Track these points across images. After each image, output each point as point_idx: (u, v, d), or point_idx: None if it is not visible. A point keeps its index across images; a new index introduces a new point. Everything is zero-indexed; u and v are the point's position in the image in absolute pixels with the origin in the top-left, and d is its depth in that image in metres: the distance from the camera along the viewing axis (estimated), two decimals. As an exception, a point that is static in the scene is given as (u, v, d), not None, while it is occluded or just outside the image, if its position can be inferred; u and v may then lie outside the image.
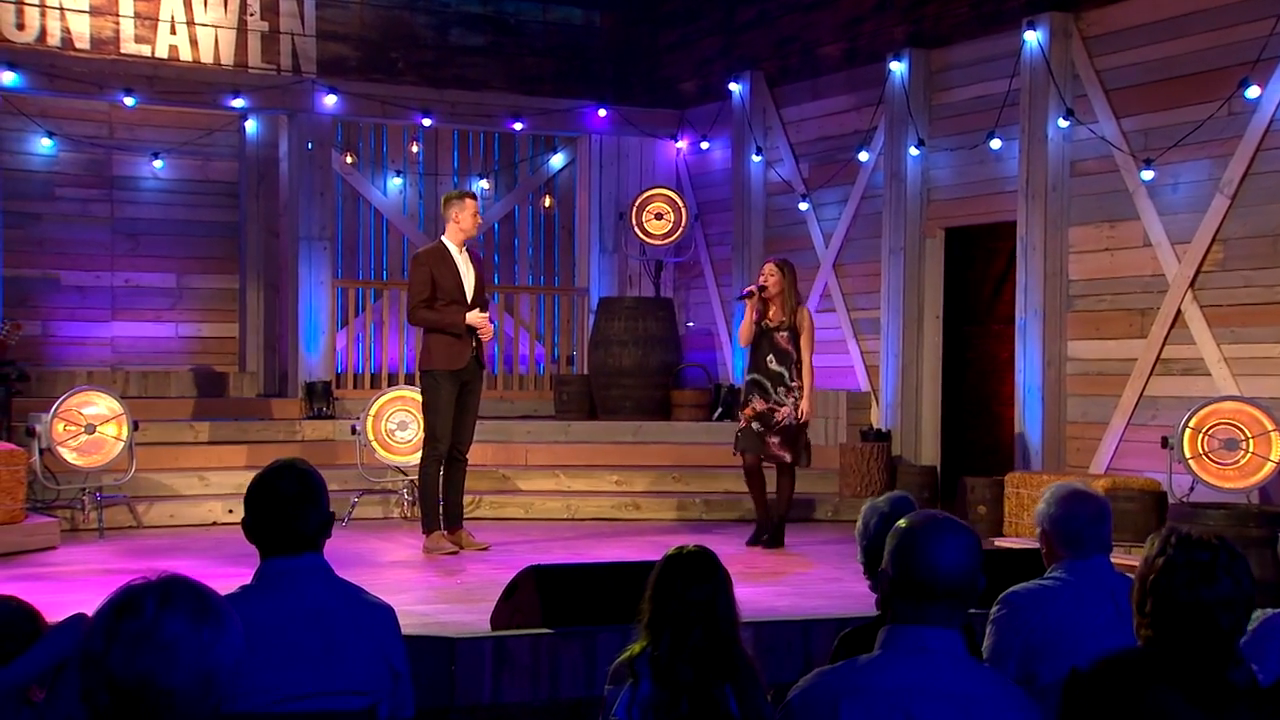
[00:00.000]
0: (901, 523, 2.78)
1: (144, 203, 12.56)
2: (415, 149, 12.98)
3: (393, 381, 12.27)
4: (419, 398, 10.01)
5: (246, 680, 3.19)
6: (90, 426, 9.33)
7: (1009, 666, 3.61)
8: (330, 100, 11.90)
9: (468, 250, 8.56)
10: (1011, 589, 3.76)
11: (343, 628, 3.33)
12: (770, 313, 8.79)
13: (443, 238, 8.57)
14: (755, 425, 8.73)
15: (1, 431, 9.79)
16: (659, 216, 12.71)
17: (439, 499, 8.44)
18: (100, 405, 9.43)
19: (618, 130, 13.02)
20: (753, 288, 8.81)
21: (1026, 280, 9.91)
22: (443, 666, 4.66)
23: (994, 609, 3.76)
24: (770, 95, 12.24)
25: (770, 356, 8.75)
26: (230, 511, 9.79)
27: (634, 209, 12.67)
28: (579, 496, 10.36)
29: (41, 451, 9.23)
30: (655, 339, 12.15)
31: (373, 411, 9.91)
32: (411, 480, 10.02)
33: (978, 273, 11.16)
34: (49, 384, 11.33)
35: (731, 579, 3.70)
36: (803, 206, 11.85)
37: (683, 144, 13.23)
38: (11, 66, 10.95)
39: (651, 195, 12.73)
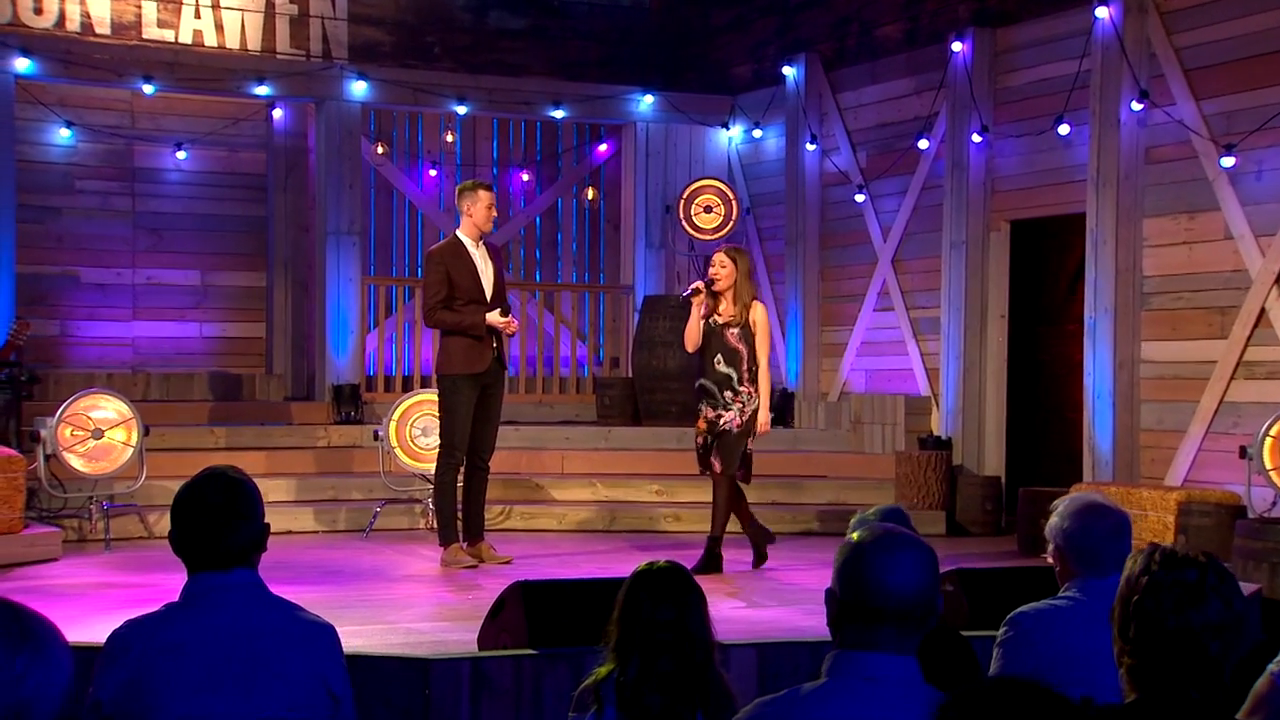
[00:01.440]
0: (853, 535, 2.67)
1: (167, 196, 12.62)
2: (450, 138, 12.93)
3: (427, 385, 12.26)
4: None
5: (167, 706, 3.12)
6: (98, 431, 9.35)
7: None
8: (360, 87, 11.89)
9: (485, 245, 8.46)
10: (1019, 609, 3.63)
11: (274, 648, 3.25)
12: (720, 307, 8.23)
13: (457, 232, 8.48)
14: (709, 438, 8.21)
15: (11, 437, 9.85)
16: (708, 210, 12.58)
17: (457, 509, 8.36)
18: (109, 409, 9.45)
19: (665, 118, 12.91)
20: (699, 284, 8.28)
21: (1097, 276, 9.69)
22: (416, 690, 4.57)
23: (1001, 630, 3.63)
24: (826, 79, 12.09)
25: (718, 357, 8.20)
26: (246, 521, 9.77)
27: (682, 202, 12.56)
28: (616, 507, 10.26)
29: (47, 458, 9.27)
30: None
31: (395, 416, 9.86)
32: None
33: (1051, 269, 10.94)
34: (67, 387, 11.36)
35: (705, 597, 3.58)
36: (859, 198, 11.69)
37: (735, 132, 13.10)
38: (26, 53, 11.04)
39: (701, 187, 12.62)
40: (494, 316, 8.25)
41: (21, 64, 11.04)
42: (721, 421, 8.16)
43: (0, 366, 9.64)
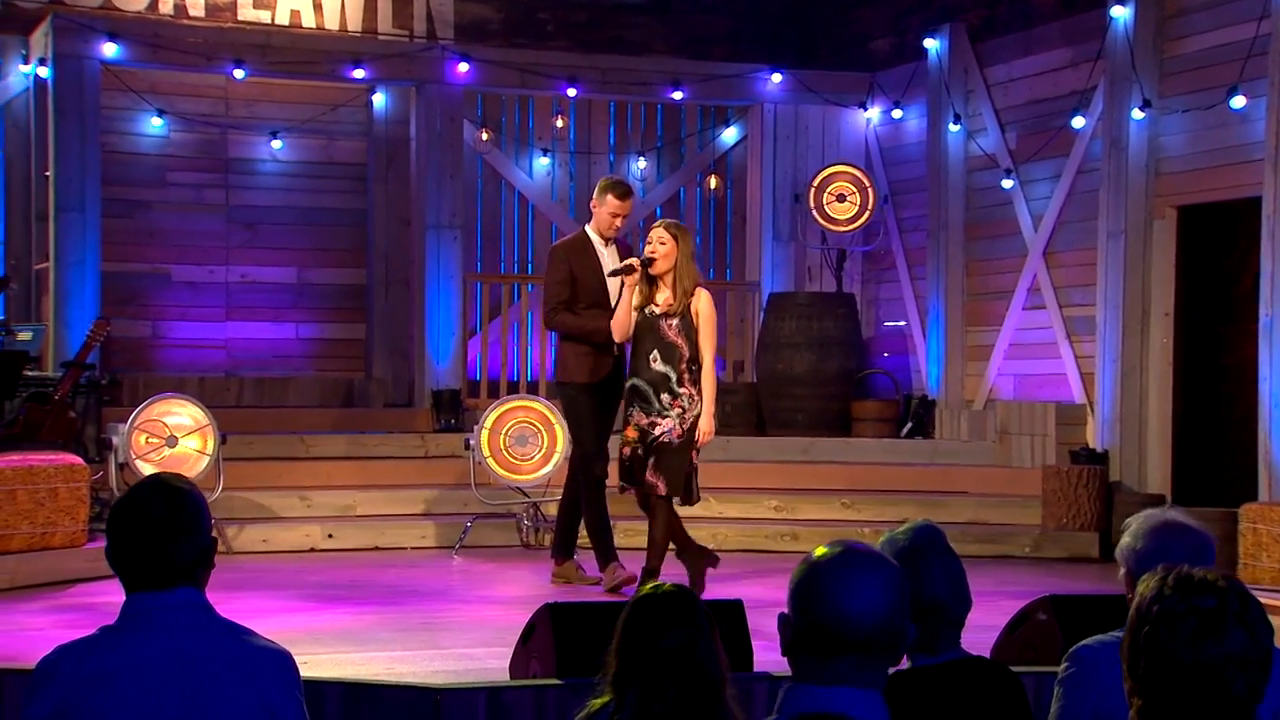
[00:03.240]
0: (818, 551, 2.53)
1: (262, 188, 12.73)
2: (560, 123, 12.83)
3: (536, 391, 12.19)
4: (541, 407, 9.89)
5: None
6: (172, 439, 9.42)
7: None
8: (462, 69, 11.86)
9: (616, 243, 8.26)
10: (1082, 643, 3.44)
11: (218, 677, 3.12)
12: (657, 295, 7.64)
13: (587, 228, 8.33)
14: (639, 451, 7.60)
15: (87, 444, 9.98)
16: (842, 198, 12.32)
17: (608, 524, 8.15)
18: (183, 415, 9.52)
19: (796, 98, 12.68)
20: (633, 261, 7.65)
21: (1274, 269, 9.21)
22: (426, 725, 4.43)
23: (1062, 666, 3.45)
24: (973, 52, 11.78)
25: (654, 354, 7.55)
26: (330, 537, 9.83)
27: (812, 190, 12.32)
28: (728, 524, 10.07)
29: (120, 466, 9.36)
30: (833, 341, 11.80)
31: (488, 424, 9.77)
32: (534, 504, 9.87)
33: (1233, 260, 10.44)
34: (157, 392, 11.50)
35: (716, 624, 3.36)
36: (1006, 183, 11.34)
37: (873, 113, 12.81)
38: (114, 37, 11.20)
39: (834, 173, 12.36)
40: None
41: (109, 49, 11.21)
42: (659, 431, 7.54)
43: (78, 369, 9.75)
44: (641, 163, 13.21)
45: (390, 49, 11.98)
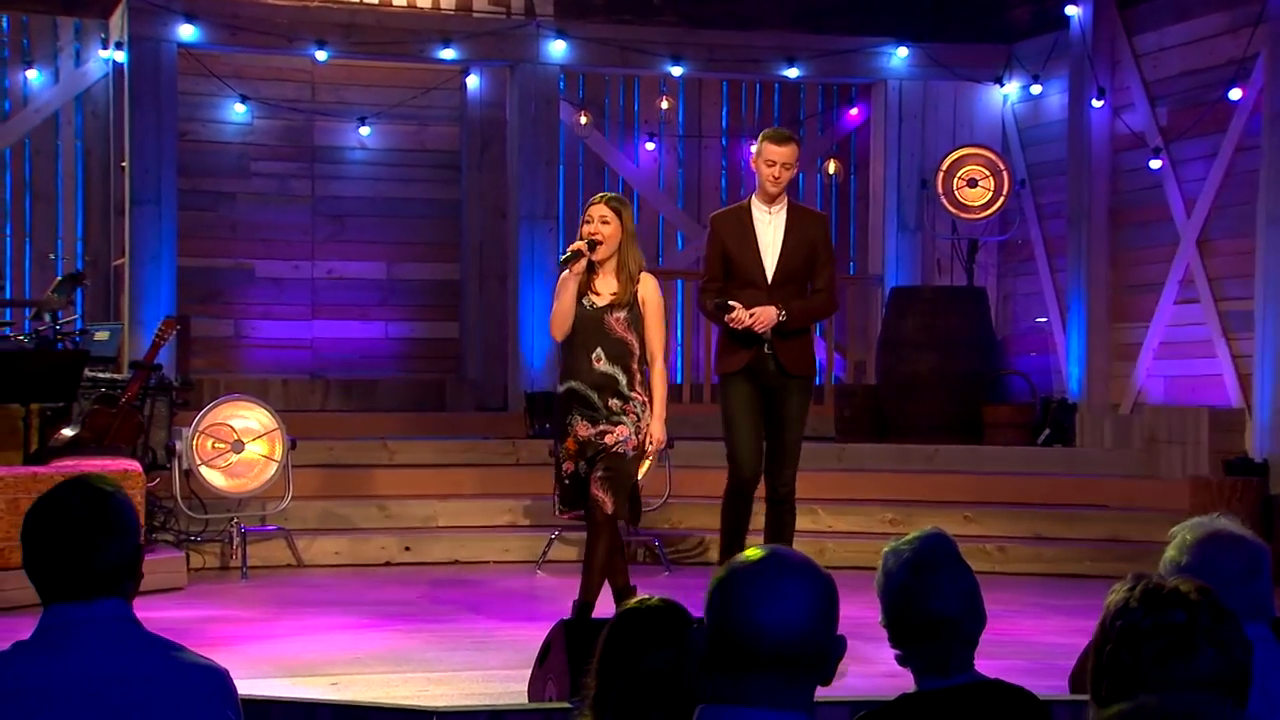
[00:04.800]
0: (745, 555, 2.47)
1: (350, 178, 12.79)
2: (665, 105, 12.70)
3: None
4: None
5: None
6: (238, 444, 9.45)
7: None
8: (558, 47, 11.78)
9: (791, 211, 7.41)
10: None
11: (144, 697, 3.02)
12: (595, 283, 6.93)
13: (754, 196, 7.59)
14: (581, 467, 6.89)
15: (153, 450, 10.05)
16: (973, 183, 12.05)
17: (738, 538, 7.53)
18: (250, 419, 9.54)
19: (924, 74, 12.43)
20: (580, 245, 6.87)
21: None
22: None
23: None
24: (1120, 20, 11.44)
25: (599, 353, 6.87)
26: (407, 549, 9.81)
27: (941, 174, 12.06)
28: (836, 539, 9.89)
29: (186, 474, 9.41)
30: (961, 340, 11.55)
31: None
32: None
33: None
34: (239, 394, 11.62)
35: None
36: (1155, 164, 10.98)
37: (1010, 88, 12.51)
38: (191, 18, 11.31)
39: (964, 156, 12.10)
40: (755, 312, 7.23)
41: (186, 31, 11.32)
42: (610, 440, 6.82)
43: (145, 370, 9.83)
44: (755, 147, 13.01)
45: (482, 27, 11.93)
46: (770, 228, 7.34)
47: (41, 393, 9.47)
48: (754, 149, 7.45)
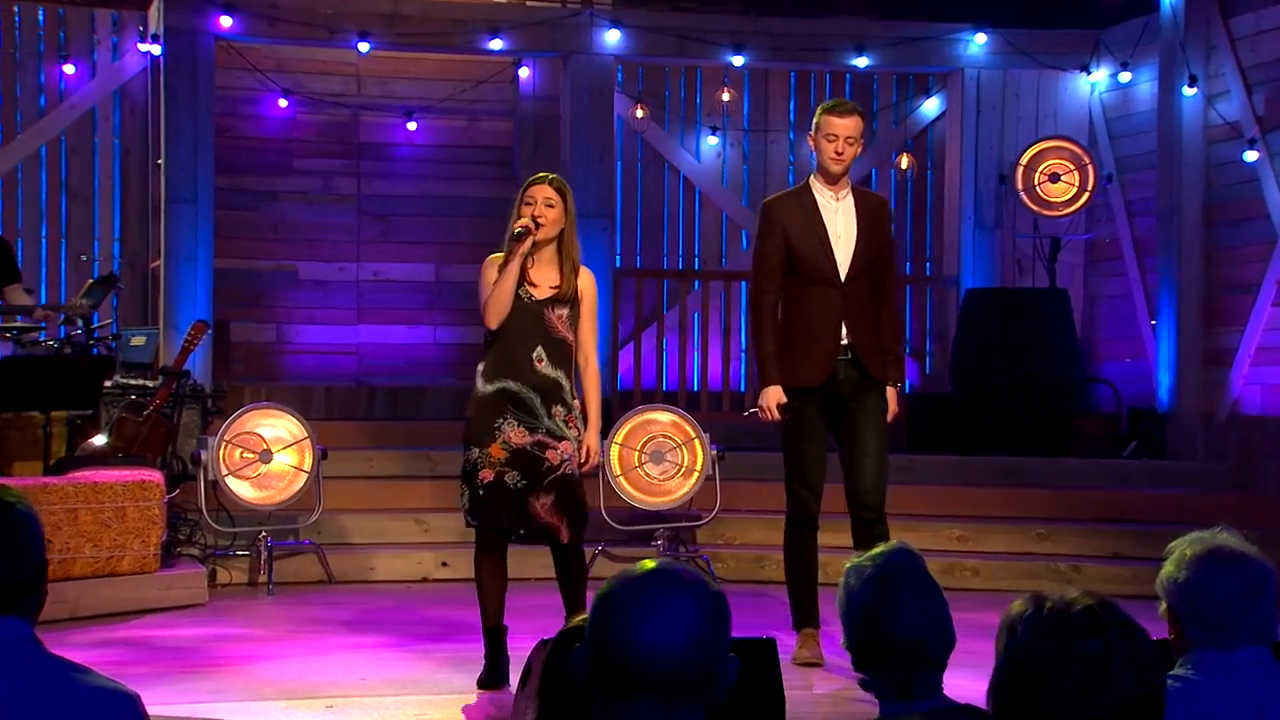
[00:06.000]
0: (633, 569, 2.43)
1: (397, 175, 12.75)
2: (726, 96, 12.56)
3: (715, 404, 11.96)
4: (677, 418, 9.64)
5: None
6: (266, 454, 9.40)
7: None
8: (612, 37, 11.68)
9: (856, 195, 7.03)
10: None
11: (45, 725, 2.92)
12: (532, 273, 6.50)
13: (812, 177, 7.12)
14: (511, 478, 6.38)
15: (179, 459, 10.03)
16: (1055, 178, 11.85)
17: (808, 580, 7.18)
18: (279, 427, 9.50)
19: (1004, 61, 12.24)
20: (528, 223, 6.39)
21: None
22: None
23: None
24: (1215, 1, 11.18)
25: (539, 352, 6.43)
26: (444, 565, 9.71)
27: (1021, 169, 11.87)
28: (900, 558, 9.64)
29: (212, 484, 9.38)
30: (1042, 345, 11.38)
31: (618, 438, 9.58)
32: (671, 530, 9.63)
33: None
34: (280, 402, 11.57)
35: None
36: (1250, 156, 10.71)
37: (1098, 76, 12.28)
38: (229, 9, 11.30)
39: (1046, 149, 11.90)
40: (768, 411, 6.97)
41: (224, 22, 11.31)
42: (557, 459, 6.39)
43: (174, 376, 9.81)
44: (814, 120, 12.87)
45: (534, 16, 11.85)
46: (840, 216, 6.96)
47: (61, 400, 9.48)
48: (813, 123, 7.05)
